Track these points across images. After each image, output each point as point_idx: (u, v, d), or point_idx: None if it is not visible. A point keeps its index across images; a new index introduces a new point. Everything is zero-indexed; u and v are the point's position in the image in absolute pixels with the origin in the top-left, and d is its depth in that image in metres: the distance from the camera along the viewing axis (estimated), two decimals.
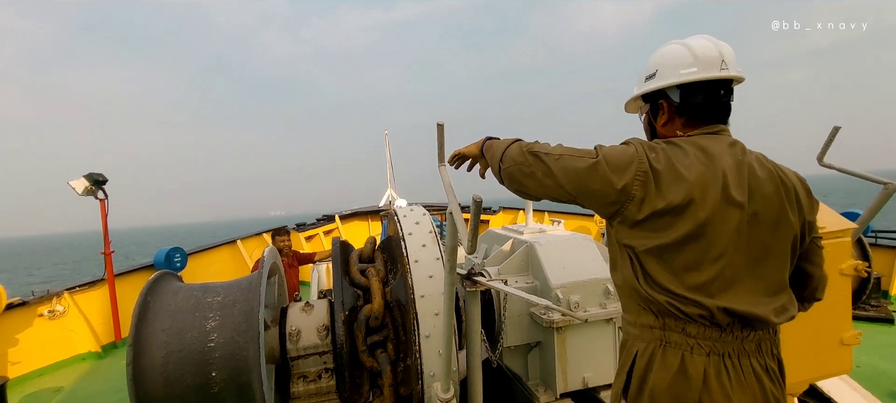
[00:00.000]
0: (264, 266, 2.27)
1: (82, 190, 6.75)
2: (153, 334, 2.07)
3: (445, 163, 1.74)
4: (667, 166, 1.28)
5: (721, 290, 1.27)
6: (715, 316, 1.26)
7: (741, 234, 1.27)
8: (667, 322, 1.31)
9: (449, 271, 1.59)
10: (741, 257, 1.28)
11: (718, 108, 1.38)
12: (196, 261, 8.18)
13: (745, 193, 1.28)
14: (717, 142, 1.33)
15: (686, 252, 1.27)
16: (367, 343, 2.26)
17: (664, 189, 1.26)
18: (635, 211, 1.28)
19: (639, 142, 1.36)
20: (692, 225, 1.25)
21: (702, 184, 1.25)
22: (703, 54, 1.34)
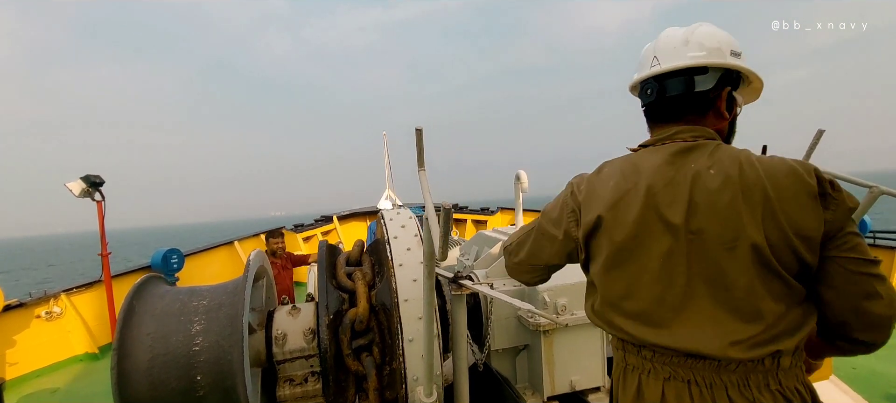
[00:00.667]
0: (250, 270, 2.28)
1: (79, 192, 6.77)
2: (138, 338, 2.08)
3: (424, 168, 1.74)
4: (587, 192, 1.29)
5: (663, 321, 1.14)
6: (657, 348, 1.15)
7: (681, 257, 1.11)
8: (625, 344, 1.25)
9: (427, 276, 1.60)
10: (686, 283, 1.12)
11: (665, 107, 1.26)
12: (193, 263, 8.20)
13: (681, 210, 1.11)
14: (655, 154, 1.21)
15: (616, 278, 1.21)
16: (352, 346, 2.27)
17: (583, 215, 1.28)
18: (581, 251, 1.32)
19: (572, 181, 1.39)
20: (610, 247, 1.20)
21: (614, 202, 1.20)
22: (642, 55, 1.32)
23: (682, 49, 1.22)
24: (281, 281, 5.20)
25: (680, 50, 1.22)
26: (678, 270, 1.12)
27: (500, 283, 2.81)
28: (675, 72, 1.21)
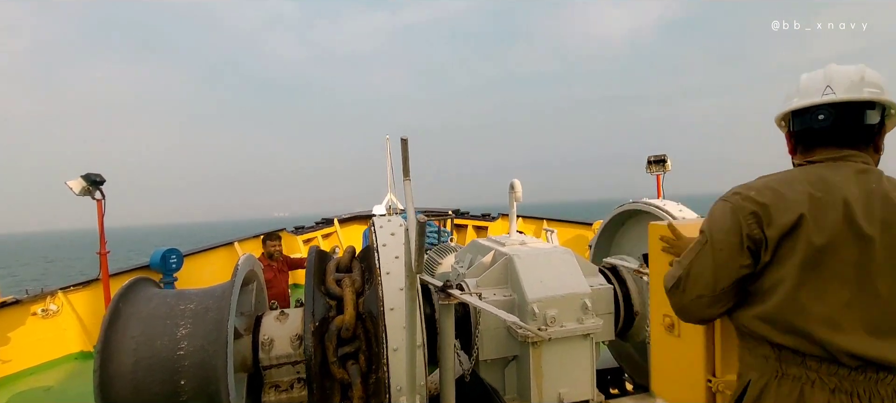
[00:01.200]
0: (238, 274, 2.28)
1: (79, 189, 6.80)
2: (123, 341, 2.08)
3: (410, 178, 1.74)
4: (772, 194, 1.28)
5: (846, 329, 1.19)
6: (837, 356, 1.19)
7: (872, 269, 1.20)
8: (783, 353, 1.27)
9: (408, 287, 1.60)
10: (874, 294, 1.20)
11: (836, 133, 1.34)
12: (192, 263, 8.20)
13: (876, 225, 1.21)
14: (838, 170, 1.29)
15: (808, 280, 1.23)
16: (337, 354, 2.26)
17: (775, 216, 1.25)
18: (765, 253, 1.28)
19: (732, 193, 1.38)
20: (808, 248, 1.21)
21: (812, 205, 1.23)
22: (807, 82, 1.38)
23: (858, 84, 1.32)
24: (276, 284, 5.20)
25: (857, 84, 1.32)
26: (867, 279, 1.21)
27: (490, 293, 2.79)
28: (850, 104, 1.32)
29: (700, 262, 1.34)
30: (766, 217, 1.26)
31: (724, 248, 1.30)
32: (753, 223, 1.27)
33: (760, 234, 1.26)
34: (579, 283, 2.75)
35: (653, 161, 8.60)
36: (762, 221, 1.26)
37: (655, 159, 8.61)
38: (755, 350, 1.33)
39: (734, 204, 1.33)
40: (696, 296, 1.35)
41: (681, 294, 1.39)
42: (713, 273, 1.32)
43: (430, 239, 10.39)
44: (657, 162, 8.57)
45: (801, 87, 1.38)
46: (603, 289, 2.95)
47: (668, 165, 8.50)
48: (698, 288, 1.34)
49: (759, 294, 1.30)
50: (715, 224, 1.35)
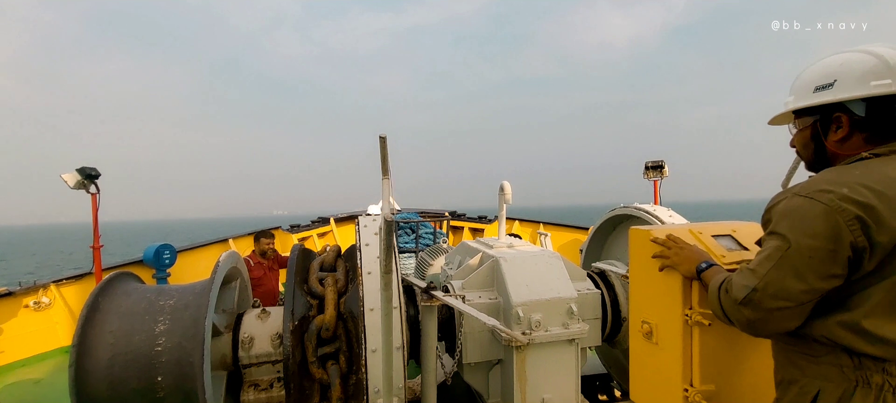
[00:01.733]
0: (218, 271, 2.26)
1: (74, 183, 6.78)
2: (100, 335, 2.06)
3: (389, 177, 1.72)
4: (876, 197, 1.14)
5: None
6: None
7: None
8: (864, 361, 1.18)
9: (383, 287, 1.57)
10: None
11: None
12: (186, 259, 8.18)
13: None
14: None
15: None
16: (317, 354, 2.24)
17: (886, 220, 1.12)
18: (868, 262, 1.15)
19: (818, 191, 1.19)
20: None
21: None
22: (874, 65, 1.22)
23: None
24: (266, 282, 5.18)
25: None
26: None
27: (476, 295, 2.77)
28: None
29: (780, 271, 1.18)
30: (875, 220, 1.12)
31: (815, 256, 1.15)
32: (858, 228, 1.12)
33: (866, 242, 1.12)
34: (566, 288, 2.73)
35: (650, 166, 8.57)
36: (869, 227, 1.12)
37: (653, 165, 8.58)
38: (824, 358, 1.22)
39: (829, 204, 1.15)
40: (776, 309, 1.20)
41: (756, 306, 1.22)
42: (799, 283, 1.17)
43: (426, 241, 10.37)
44: (654, 167, 8.54)
45: (893, 66, 1.20)
46: (590, 294, 2.92)
47: (666, 171, 8.47)
48: (778, 301, 1.19)
49: (843, 300, 1.19)
50: (802, 226, 1.18)
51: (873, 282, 1.15)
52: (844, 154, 1.29)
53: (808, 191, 1.21)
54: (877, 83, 1.20)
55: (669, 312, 1.48)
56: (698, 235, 1.55)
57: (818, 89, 1.30)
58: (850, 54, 1.27)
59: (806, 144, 1.39)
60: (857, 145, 1.27)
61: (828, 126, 1.31)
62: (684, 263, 1.46)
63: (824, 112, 1.31)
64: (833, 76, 1.27)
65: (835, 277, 1.16)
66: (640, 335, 1.60)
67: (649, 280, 1.56)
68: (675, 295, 1.45)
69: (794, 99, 1.37)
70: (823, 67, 1.31)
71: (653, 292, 1.55)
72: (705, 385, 1.42)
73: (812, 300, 1.18)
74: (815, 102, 1.30)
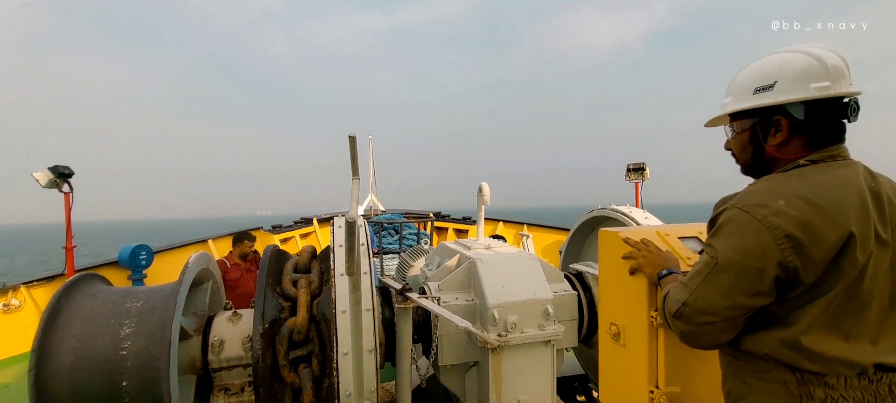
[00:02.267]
0: (187, 273, 2.21)
1: (46, 182, 6.59)
2: (62, 339, 2.00)
3: (358, 177, 1.70)
4: (812, 211, 1.09)
5: (868, 340, 1.14)
6: (867, 370, 1.12)
7: (885, 274, 1.14)
8: (806, 377, 1.14)
9: (352, 289, 1.55)
10: (886, 302, 1.15)
11: (842, 126, 1.23)
12: (163, 260, 8.01)
13: (888, 227, 1.14)
14: (850, 168, 1.18)
15: (843, 306, 1.12)
16: (288, 357, 2.20)
17: (820, 237, 1.08)
18: (805, 278, 1.11)
19: (754, 205, 1.15)
20: (852, 271, 1.09)
21: (859, 221, 1.10)
22: (834, 66, 1.18)
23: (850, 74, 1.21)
24: (244, 283, 5.09)
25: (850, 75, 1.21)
26: (886, 288, 1.15)
27: (452, 297, 2.76)
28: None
29: (708, 287, 1.16)
30: (809, 237, 1.07)
31: (742, 273, 1.12)
32: (788, 247, 1.08)
33: (797, 262, 1.08)
34: (542, 289, 2.73)
35: (632, 169, 8.68)
36: (802, 244, 1.07)
37: (634, 167, 8.69)
38: (769, 375, 1.18)
39: (762, 220, 1.10)
40: (705, 323, 1.17)
41: (686, 319, 1.20)
42: (724, 300, 1.14)
43: (409, 242, 10.33)
44: (636, 170, 8.65)
45: (831, 69, 1.17)
46: (566, 296, 2.93)
47: (647, 173, 8.58)
48: (707, 315, 1.16)
49: (784, 316, 1.15)
50: (731, 241, 1.15)
51: (811, 299, 1.12)
52: (783, 158, 1.25)
53: (744, 203, 1.17)
54: (816, 85, 1.17)
55: (636, 314, 1.49)
56: (665, 237, 1.56)
57: (758, 91, 1.26)
58: (789, 54, 1.23)
59: (744, 148, 1.34)
60: (796, 149, 1.23)
61: (767, 129, 1.26)
62: (649, 266, 1.45)
63: (763, 115, 1.26)
64: (773, 77, 1.23)
65: (761, 295, 1.13)
66: (609, 337, 1.61)
67: (617, 281, 1.57)
68: (642, 298, 1.46)
69: (733, 100, 1.32)
70: (763, 68, 1.26)
71: (620, 294, 1.56)
72: (670, 387, 1.43)
73: (740, 316, 1.16)
74: (755, 104, 1.26)
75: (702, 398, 1.47)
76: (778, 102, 1.22)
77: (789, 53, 1.24)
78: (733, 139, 1.37)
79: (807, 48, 1.23)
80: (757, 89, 1.26)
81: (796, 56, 1.22)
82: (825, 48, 1.22)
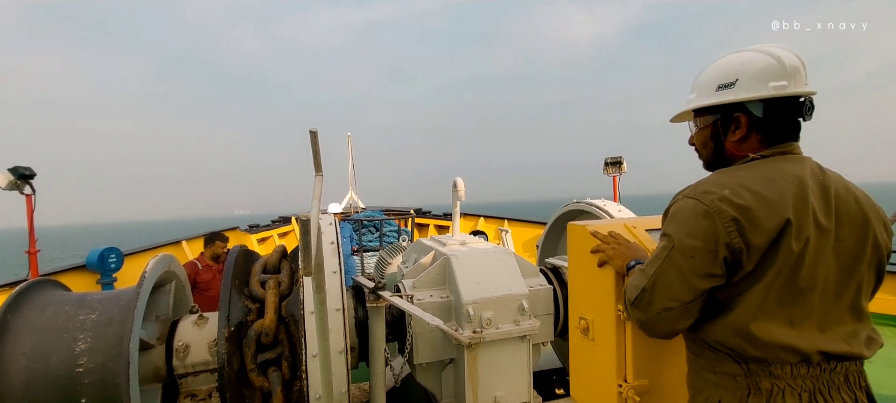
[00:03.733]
0: (146, 280, 2.12)
1: (6, 184, 6.31)
2: (12, 357, 1.88)
3: (321, 173, 1.65)
4: (752, 197, 1.15)
5: (815, 328, 1.17)
6: (810, 357, 1.15)
7: (830, 263, 1.18)
8: (751, 367, 1.19)
9: (316, 289, 1.50)
10: (831, 288, 1.19)
11: (797, 124, 1.28)
12: (134, 263, 7.76)
13: (831, 217, 1.19)
14: (797, 163, 1.23)
15: (782, 291, 1.15)
16: (256, 360, 2.14)
17: (760, 222, 1.13)
18: (747, 262, 1.15)
19: (701, 192, 1.20)
20: (787, 256, 1.13)
21: (796, 210, 1.14)
22: (791, 66, 1.22)
23: (806, 74, 1.25)
24: (215, 285, 4.96)
25: (807, 75, 1.25)
26: (829, 276, 1.19)
27: (427, 294, 2.72)
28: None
29: (666, 271, 1.20)
30: (750, 222, 1.13)
31: (696, 255, 1.16)
32: (734, 230, 1.13)
33: (741, 244, 1.14)
34: (517, 284, 2.72)
35: (609, 162, 8.80)
36: (744, 228, 1.13)
37: (612, 161, 8.81)
38: (719, 368, 1.23)
39: (709, 205, 1.16)
40: (663, 309, 1.21)
41: (646, 307, 1.24)
42: (682, 283, 1.19)
43: (390, 239, 10.27)
44: (614, 163, 8.77)
45: (789, 69, 1.22)
46: (542, 290, 2.93)
47: (624, 167, 8.70)
48: (665, 301, 1.21)
49: (730, 303, 1.20)
50: (683, 227, 1.20)
51: (752, 284, 1.17)
52: (742, 154, 1.30)
53: (694, 192, 1.23)
54: (774, 84, 1.22)
55: (604, 308, 1.48)
56: (633, 230, 1.56)
57: (720, 88, 1.30)
58: (750, 53, 1.28)
59: (705, 143, 1.38)
60: (753, 145, 1.28)
61: (727, 125, 1.31)
62: (617, 258, 1.46)
63: (725, 111, 1.31)
64: (735, 75, 1.27)
65: (714, 276, 1.18)
66: (578, 331, 1.60)
67: (585, 275, 1.56)
68: (609, 291, 1.45)
69: (697, 97, 1.36)
70: (725, 66, 1.31)
71: (589, 288, 1.55)
72: (639, 381, 1.43)
73: (696, 299, 1.20)
74: (717, 101, 1.30)
75: (670, 391, 1.47)
76: (739, 100, 1.27)
77: (750, 52, 1.29)
78: (696, 134, 1.42)
79: (767, 47, 1.27)
80: (719, 86, 1.31)
81: (757, 55, 1.27)
82: (784, 48, 1.26)
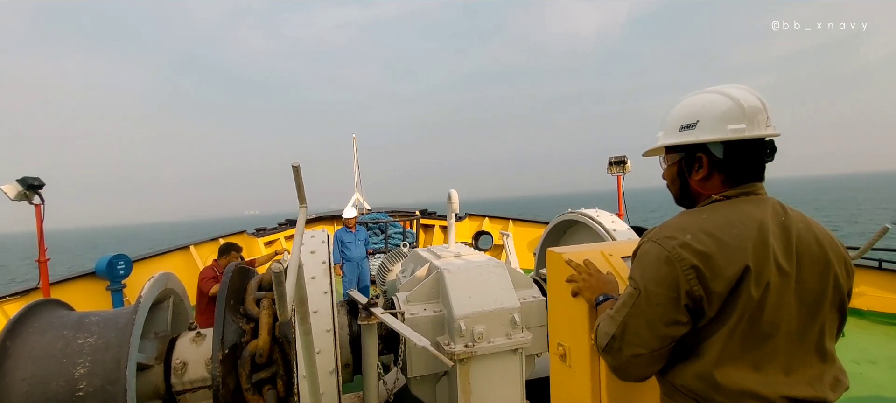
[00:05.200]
0: (141, 307, 2.17)
1: (14, 194, 6.43)
2: (12, 384, 1.94)
3: (306, 205, 1.68)
4: (713, 244, 1.15)
5: (781, 371, 1.16)
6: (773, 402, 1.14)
7: (792, 306, 1.17)
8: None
9: (300, 321, 1.54)
10: (795, 330, 1.17)
11: (761, 165, 1.29)
12: (142, 269, 7.89)
13: (792, 260, 1.18)
14: (759, 205, 1.23)
15: (750, 332, 1.15)
16: (251, 380, 2.19)
17: (719, 269, 1.13)
18: (708, 309, 1.15)
19: (664, 237, 1.21)
20: (747, 303, 1.13)
21: (755, 256, 1.14)
22: (750, 109, 1.24)
23: (772, 116, 1.27)
24: None
25: (772, 116, 1.27)
26: (791, 320, 1.18)
27: (420, 308, 2.76)
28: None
29: (634, 318, 1.20)
30: (710, 270, 1.13)
31: (661, 302, 1.16)
32: (693, 278, 1.13)
33: (701, 291, 1.13)
34: (509, 298, 2.75)
35: (614, 162, 8.75)
36: (704, 275, 1.13)
37: (616, 160, 8.76)
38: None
39: (670, 252, 1.17)
40: (633, 356, 1.20)
41: (616, 353, 1.23)
42: (649, 330, 1.18)
43: (395, 241, 10.31)
44: (618, 163, 8.72)
45: (748, 112, 1.23)
46: (535, 302, 2.96)
47: (629, 166, 8.66)
48: (634, 348, 1.20)
49: (694, 348, 1.19)
50: (647, 272, 1.20)
51: (715, 330, 1.16)
52: (706, 193, 1.31)
53: (658, 236, 1.24)
54: (733, 127, 1.23)
55: (579, 337, 1.50)
56: (609, 257, 1.57)
57: (683, 128, 1.32)
58: (711, 95, 1.30)
59: (673, 180, 1.41)
60: (716, 185, 1.29)
61: (691, 165, 1.33)
62: (587, 291, 1.48)
63: (688, 151, 1.33)
64: (696, 116, 1.29)
65: (679, 324, 1.17)
66: (557, 357, 1.63)
67: (562, 303, 1.58)
68: (583, 321, 1.47)
69: (663, 135, 1.39)
70: (687, 107, 1.33)
71: (565, 315, 1.57)
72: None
73: (664, 347, 1.19)
74: (679, 141, 1.33)
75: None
76: (699, 141, 1.28)
77: (712, 94, 1.31)
78: (665, 171, 1.44)
79: (728, 89, 1.29)
80: (682, 127, 1.33)
81: (717, 97, 1.28)
82: (746, 90, 1.28)
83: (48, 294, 6.45)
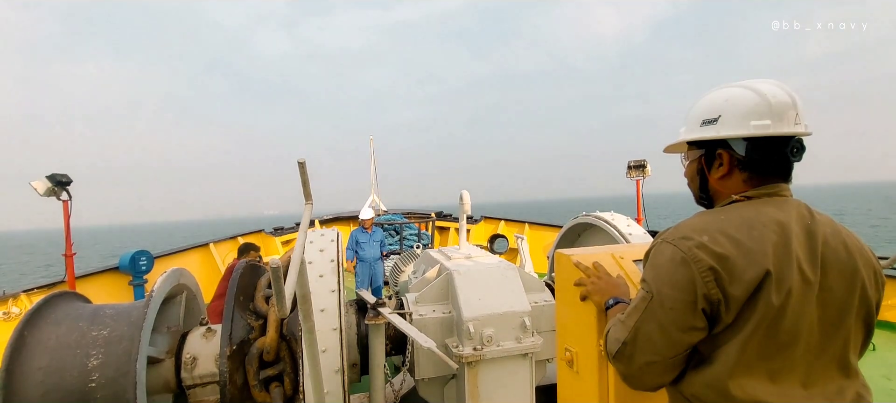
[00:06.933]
0: (153, 301, 2.20)
1: (44, 190, 6.67)
2: (29, 373, 1.99)
3: (311, 201, 1.68)
4: (732, 246, 1.08)
5: (798, 384, 1.10)
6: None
7: (814, 315, 1.10)
8: None
9: (304, 318, 1.53)
10: (816, 342, 1.11)
11: (786, 165, 1.21)
12: (164, 265, 8.08)
13: (817, 267, 1.11)
14: (783, 208, 1.16)
15: (770, 339, 1.08)
16: (259, 377, 2.20)
17: (738, 272, 1.06)
18: (726, 314, 1.08)
19: (680, 237, 1.14)
20: (766, 310, 1.06)
21: (777, 260, 1.07)
22: (778, 105, 1.16)
23: (804, 113, 1.19)
24: None
25: (804, 113, 1.19)
26: (813, 330, 1.12)
27: (429, 309, 2.74)
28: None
29: (647, 323, 1.13)
30: (728, 273, 1.06)
31: (675, 307, 1.09)
32: (711, 281, 1.06)
33: (719, 295, 1.07)
34: (519, 301, 2.70)
35: (633, 166, 8.60)
36: (722, 278, 1.06)
37: (635, 164, 8.61)
38: None
39: (686, 253, 1.10)
40: (646, 363, 1.13)
41: (627, 360, 1.16)
42: (663, 337, 1.11)
43: (410, 243, 10.33)
44: (637, 167, 8.57)
45: (774, 107, 1.15)
46: (547, 306, 2.90)
47: (648, 170, 8.49)
48: (647, 355, 1.13)
49: (708, 356, 1.13)
50: (661, 275, 1.13)
51: (729, 337, 1.09)
52: (725, 192, 1.24)
53: (673, 237, 1.16)
54: (756, 123, 1.16)
55: (587, 342, 1.46)
56: (620, 260, 1.52)
57: (704, 123, 1.25)
58: (736, 89, 1.22)
59: (693, 178, 1.34)
60: (737, 184, 1.22)
61: (711, 162, 1.26)
62: (596, 294, 1.42)
63: (709, 147, 1.26)
64: (718, 111, 1.22)
65: (696, 329, 1.10)
66: (564, 363, 1.58)
67: (571, 307, 1.54)
68: (592, 326, 1.42)
69: (685, 130, 1.32)
70: (711, 101, 1.25)
71: (572, 320, 1.53)
72: None
73: (678, 354, 1.12)
74: (700, 137, 1.26)
75: None
76: (720, 137, 1.21)
77: (737, 88, 1.22)
78: (686, 168, 1.36)
79: (755, 84, 1.20)
80: (704, 122, 1.25)
81: (742, 92, 1.20)
82: (775, 85, 1.19)
83: (74, 287, 6.65)
